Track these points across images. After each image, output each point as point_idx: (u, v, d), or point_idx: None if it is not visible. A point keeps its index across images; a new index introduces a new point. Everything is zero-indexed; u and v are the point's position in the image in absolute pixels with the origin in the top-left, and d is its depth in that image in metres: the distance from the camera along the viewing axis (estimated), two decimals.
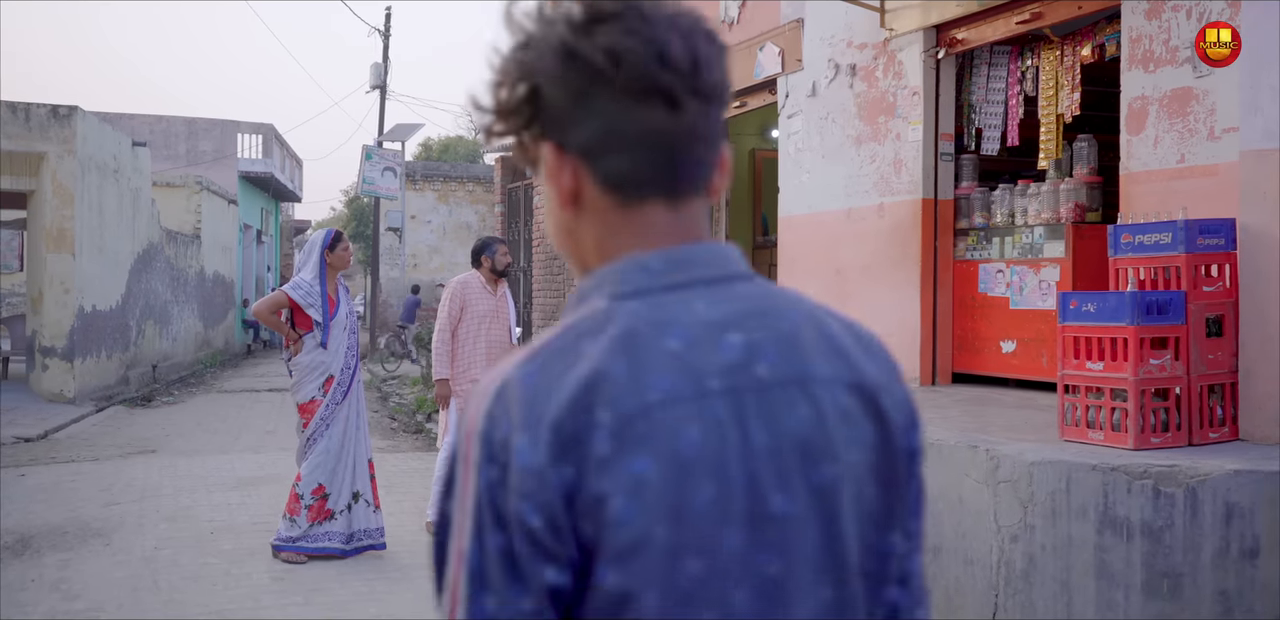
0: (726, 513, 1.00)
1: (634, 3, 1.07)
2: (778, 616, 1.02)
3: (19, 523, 7.05)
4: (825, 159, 8.31)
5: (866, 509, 1.10)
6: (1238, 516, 4.08)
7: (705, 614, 0.99)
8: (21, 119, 13.89)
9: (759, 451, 1.03)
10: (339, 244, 6.35)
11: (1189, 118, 5.31)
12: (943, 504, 4.83)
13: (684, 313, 1.06)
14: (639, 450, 0.98)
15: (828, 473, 1.06)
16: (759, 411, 1.04)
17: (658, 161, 1.08)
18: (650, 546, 0.98)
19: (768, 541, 1.02)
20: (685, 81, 1.07)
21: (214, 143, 28.77)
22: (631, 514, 0.97)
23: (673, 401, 1.00)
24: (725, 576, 1.00)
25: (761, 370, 1.06)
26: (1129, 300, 4.55)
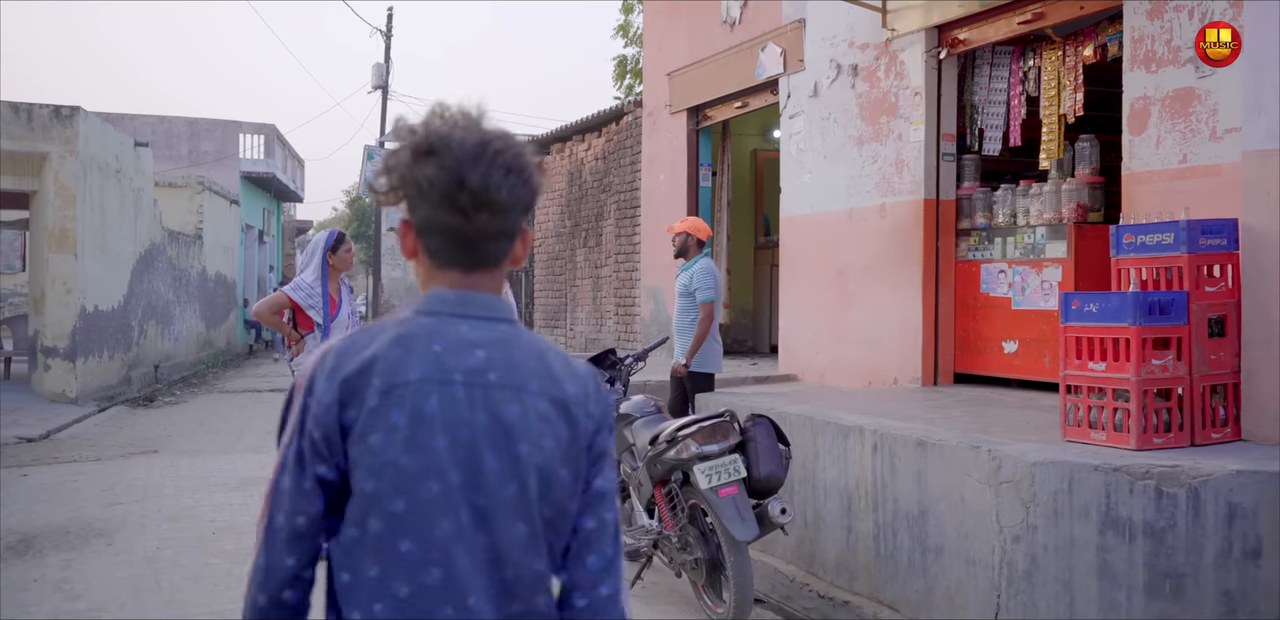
0: (453, 457, 1.57)
1: (454, 141, 1.60)
2: (488, 534, 1.57)
3: (21, 523, 7.05)
4: (827, 159, 8.30)
5: (558, 483, 1.63)
6: (1240, 517, 4.07)
7: (442, 520, 1.55)
8: (24, 119, 13.89)
9: (480, 425, 1.59)
10: (341, 245, 6.35)
11: (1191, 118, 5.30)
12: (945, 504, 4.83)
13: (453, 331, 1.63)
14: (396, 407, 1.56)
15: (525, 450, 1.60)
16: (484, 401, 1.60)
17: (456, 249, 1.65)
18: (396, 469, 1.55)
19: (479, 483, 1.57)
20: (477, 201, 1.59)
21: (216, 143, 28.78)
22: (384, 447, 1.56)
23: (424, 381, 1.58)
24: (450, 499, 1.56)
25: (492, 376, 1.62)
26: (1131, 300, 4.54)
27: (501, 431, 1.60)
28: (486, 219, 1.62)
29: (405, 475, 1.55)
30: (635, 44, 21.64)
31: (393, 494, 1.55)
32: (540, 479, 1.61)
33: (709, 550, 5.09)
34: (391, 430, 1.56)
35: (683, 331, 7.22)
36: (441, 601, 1.55)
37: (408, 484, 1.55)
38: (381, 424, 1.56)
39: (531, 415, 1.62)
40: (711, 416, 5.15)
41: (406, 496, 1.55)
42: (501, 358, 1.63)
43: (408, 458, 1.55)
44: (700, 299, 7.10)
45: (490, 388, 1.61)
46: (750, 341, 11.71)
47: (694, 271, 7.18)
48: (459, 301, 1.66)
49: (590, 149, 13.97)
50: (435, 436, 1.56)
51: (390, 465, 1.55)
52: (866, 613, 5.20)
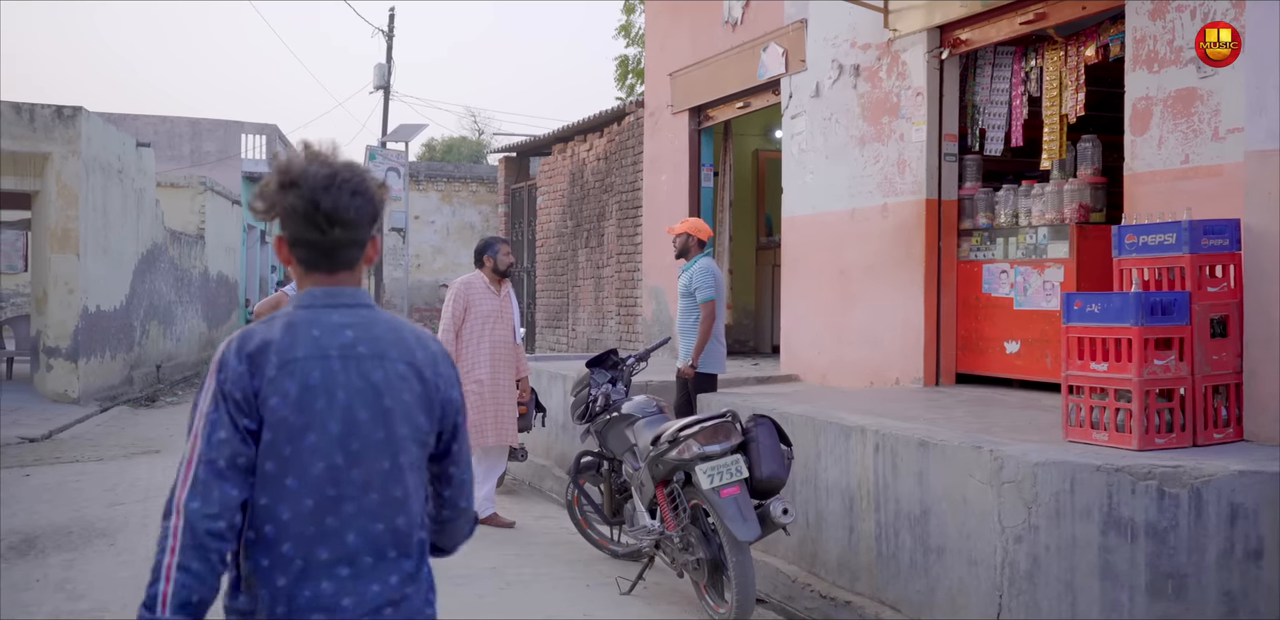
0: (332, 414, 2.06)
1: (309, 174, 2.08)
2: (361, 470, 2.07)
3: (24, 523, 7.06)
4: (829, 159, 8.30)
5: (416, 427, 2.13)
6: (1242, 517, 4.07)
7: (318, 462, 2.05)
8: (26, 119, 13.90)
9: (354, 388, 2.08)
10: None
11: (1193, 118, 5.30)
12: (946, 504, 4.83)
13: (326, 318, 2.12)
14: (288, 378, 2.05)
15: (389, 403, 2.10)
16: (356, 369, 2.10)
17: (320, 257, 2.13)
18: (286, 424, 2.04)
19: (354, 432, 2.06)
20: (330, 220, 2.08)
21: (218, 143, 28.79)
22: (279, 407, 2.04)
23: (308, 357, 2.07)
24: (330, 445, 2.05)
25: (360, 349, 2.11)
26: (1133, 301, 4.54)
27: (371, 391, 2.10)
28: (339, 233, 2.12)
29: (293, 429, 2.05)
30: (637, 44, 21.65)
31: (284, 443, 2.04)
32: (403, 424, 2.13)
33: (711, 550, 5.09)
34: (284, 395, 2.05)
35: (686, 332, 7.22)
36: (312, 524, 2.04)
37: (294, 435, 2.05)
38: (277, 391, 2.05)
39: (392, 376, 2.13)
40: (713, 417, 5.16)
41: (292, 445, 2.04)
42: (366, 335, 2.14)
43: (295, 416, 2.05)
44: (701, 298, 7.09)
45: (360, 358, 2.11)
46: (752, 342, 11.71)
47: (693, 271, 7.17)
48: (327, 296, 2.16)
49: (592, 149, 13.97)
50: (317, 399, 2.06)
51: (283, 421, 2.04)
52: (868, 613, 5.20)
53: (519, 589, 5.64)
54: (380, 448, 2.09)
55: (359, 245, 2.16)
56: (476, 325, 6.94)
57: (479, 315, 6.95)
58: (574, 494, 6.44)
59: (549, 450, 9.19)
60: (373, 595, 2.07)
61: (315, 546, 2.04)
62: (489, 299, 7.01)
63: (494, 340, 6.96)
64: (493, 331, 6.97)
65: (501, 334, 7.00)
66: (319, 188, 2.08)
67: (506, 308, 7.08)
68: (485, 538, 6.77)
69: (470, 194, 31.29)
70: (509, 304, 7.11)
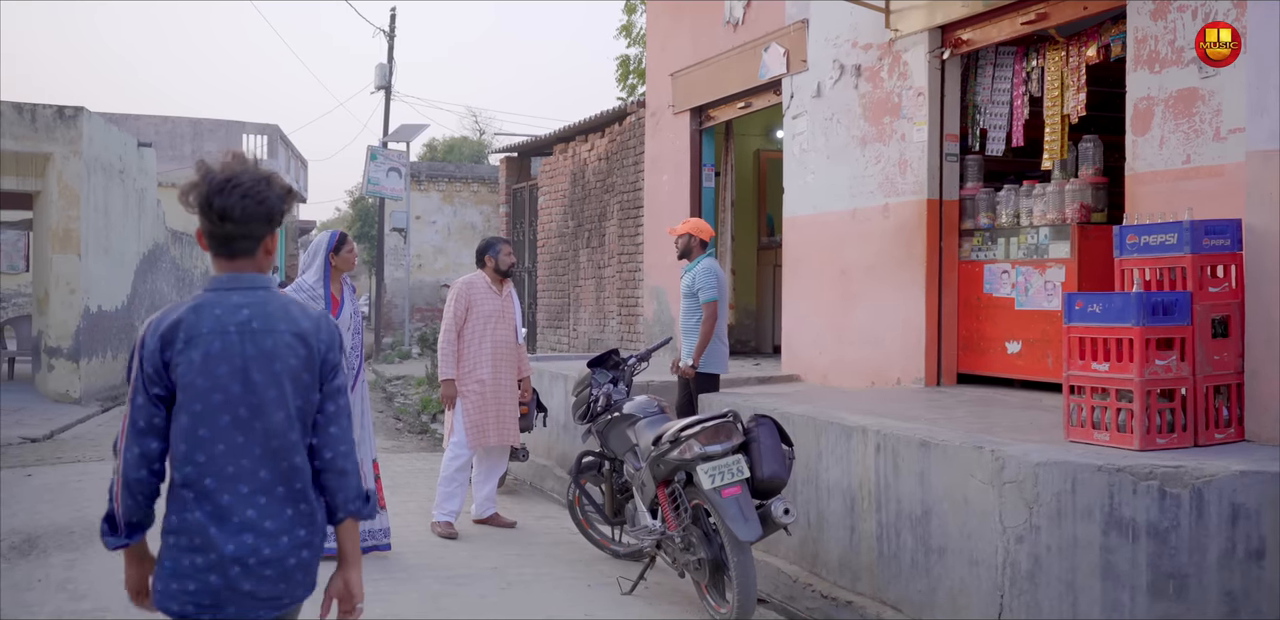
0: (231, 377, 2.54)
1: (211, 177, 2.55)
2: (260, 420, 2.55)
3: (25, 523, 7.06)
4: (830, 159, 8.30)
5: (303, 384, 2.61)
6: (1244, 517, 4.08)
7: (224, 415, 2.55)
8: (28, 120, 13.91)
9: (250, 355, 2.56)
10: (344, 246, 6.33)
11: (1195, 118, 5.30)
12: (948, 504, 4.83)
13: (227, 300, 2.60)
14: (195, 349, 2.53)
15: (279, 366, 2.58)
16: (252, 340, 2.57)
17: (220, 245, 2.60)
18: (194, 386, 2.53)
19: (251, 391, 2.55)
20: (221, 216, 2.55)
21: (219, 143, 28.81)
22: (188, 373, 2.53)
23: (211, 332, 2.55)
24: (234, 402, 2.54)
25: (255, 324, 2.59)
26: (1134, 301, 4.54)
27: (264, 357, 2.59)
28: (230, 227, 2.58)
29: (200, 390, 2.56)
30: (638, 44, 21.65)
31: (193, 401, 2.56)
32: (292, 382, 2.61)
33: (712, 550, 5.09)
34: (191, 363, 2.55)
35: (688, 332, 7.22)
36: (226, 464, 2.57)
37: (201, 395, 2.56)
38: (186, 360, 2.55)
39: (280, 345, 2.60)
40: (714, 417, 5.16)
41: (201, 402, 2.56)
42: (260, 312, 2.62)
43: (201, 379, 2.56)
44: (703, 299, 7.08)
45: (255, 332, 2.59)
46: (753, 342, 11.71)
47: (696, 272, 7.17)
48: (229, 280, 2.64)
49: (593, 149, 13.97)
50: (219, 366, 2.56)
51: (191, 384, 2.56)
52: (869, 613, 5.20)
53: (520, 589, 5.64)
54: (275, 402, 2.59)
55: (251, 239, 2.62)
56: (478, 325, 6.94)
57: (481, 315, 6.95)
58: (575, 494, 6.44)
59: (550, 450, 9.20)
60: (277, 521, 2.59)
61: (233, 482, 2.57)
62: (491, 299, 7.00)
63: (496, 340, 6.96)
64: (494, 331, 6.97)
65: (503, 334, 7.00)
66: (214, 190, 2.56)
67: (508, 308, 7.07)
68: (487, 537, 6.78)
69: (471, 194, 31.30)
70: (510, 304, 7.11)
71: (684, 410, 7.00)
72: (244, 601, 2.57)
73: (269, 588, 2.59)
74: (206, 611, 2.56)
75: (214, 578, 2.54)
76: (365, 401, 6.35)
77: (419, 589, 5.60)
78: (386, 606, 5.29)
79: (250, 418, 2.57)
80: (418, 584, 5.69)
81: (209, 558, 2.54)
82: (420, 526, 6.94)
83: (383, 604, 5.34)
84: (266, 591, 2.59)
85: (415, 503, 7.61)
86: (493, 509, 7.11)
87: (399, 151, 24.39)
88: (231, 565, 2.54)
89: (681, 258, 7.37)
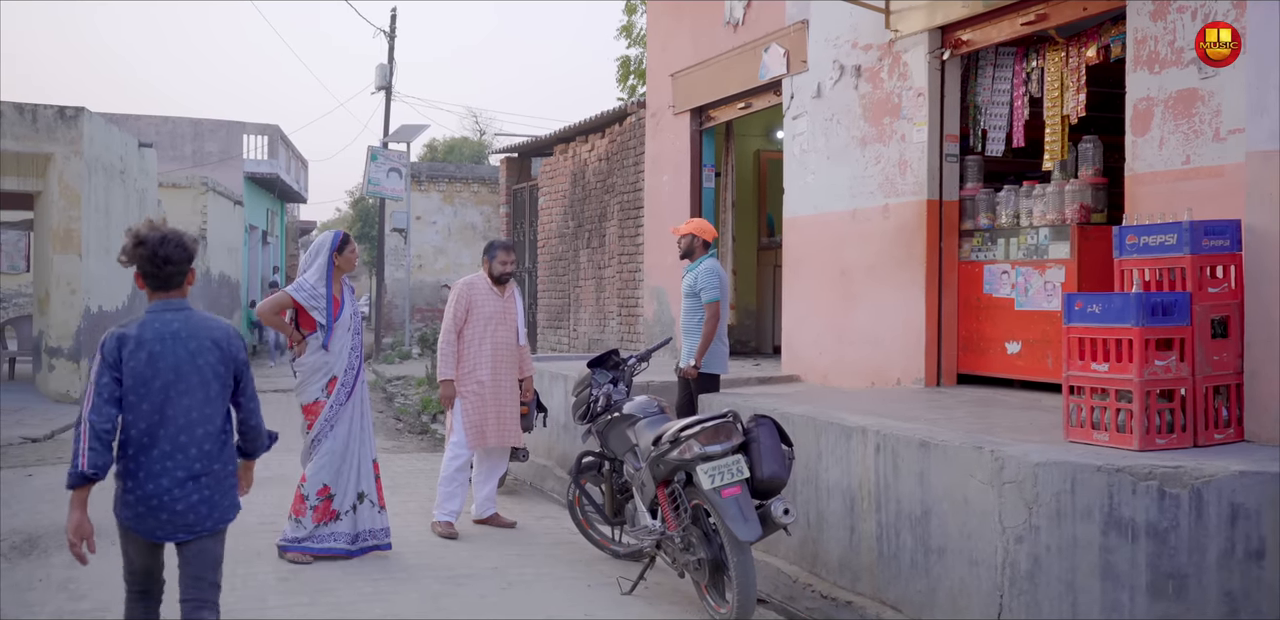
0: (168, 369, 3.74)
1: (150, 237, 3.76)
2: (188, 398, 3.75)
3: (26, 523, 7.07)
4: (830, 160, 8.31)
5: (218, 373, 3.82)
6: (1243, 517, 4.08)
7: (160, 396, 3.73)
8: (29, 120, 13.92)
9: (179, 355, 3.76)
10: (347, 246, 6.34)
11: (1194, 119, 5.31)
12: (947, 505, 4.83)
13: (163, 318, 3.81)
14: (141, 351, 3.72)
15: (201, 362, 3.78)
16: (180, 345, 3.77)
17: (159, 283, 3.81)
18: (140, 376, 3.71)
19: (182, 379, 3.75)
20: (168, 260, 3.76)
21: (220, 144, 28.82)
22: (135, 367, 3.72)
23: (151, 339, 3.74)
24: (168, 386, 3.73)
25: (184, 334, 3.79)
26: (1134, 301, 4.55)
27: (189, 356, 3.75)
28: (169, 269, 3.76)
29: (145, 378, 3.69)
30: (639, 45, 21.66)
31: (140, 386, 3.68)
32: (211, 373, 3.79)
33: (712, 551, 5.09)
34: (139, 361, 3.69)
35: (689, 332, 7.22)
36: (161, 430, 3.70)
37: (146, 382, 3.69)
38: (133, 358, 3.68)
39: (201, 348, 3.77)
40: (714, 417, 5.16)
41: (146, 387, 3.69)
42: (185, 326, 3.77)
43: (146, 370, 3.69)
44: (706, 299, 7.08)
45: (184, 339, 3.75)
46: (753, 342, 11.71)
47: (699, 272, 7.17)
48: (163, 305, 3.80)
49: (594, 150, 13.98)
50: (159, 361, 3.70)
51: (139, 374, 3.68)
52: (869, 613, 5.20)
53: (520, 589, 5.64)
54: (199, 387, 3.77)
55: (181, 274, 3.82)
56: (478, 326, 6.94)
57: (480, 316, 6.94)
58: (575, 494, 6.45)
59: (550, 450, 9.20)
60: (199, 472, 3.76)
61: (167, 442, 3.73)
62: (491, 300, 7.00)
63: (496, 341, 6.96)
64: (494, 333, 6.96)
65: (504, 335, 7.00)
66: (157, 244, 3.75)
67: (510, 309, 7.06)
68: (487, 538, 6.79)
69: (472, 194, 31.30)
70: (512, 305, 7.09)
71: (684, 410, 7.00)
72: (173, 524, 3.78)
73: (192, 515, 3.78)
74: (145, 529, 3.82)
75: (151, 505, 3.76)
76: (365, 402, 6.35)
77: (419, 589, 5.60)
78: (387, 606, 5.30)
79: (180, 396, 3.75)
80: (418, 584, 5.70)
81: (144, 492, 3.75)
82: (420, 526, 6.94)
83: (383, 604, 5.34)
84: (190, 517, 3.78)
85: (415, 503, 7.61)
86: (493, 509, 7.11)
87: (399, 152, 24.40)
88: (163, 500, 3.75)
89: (683, 258, 7.36)
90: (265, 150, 29.81)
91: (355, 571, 5.90)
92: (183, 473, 3.71)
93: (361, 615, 5.18)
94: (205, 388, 3.76)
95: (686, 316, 7.28)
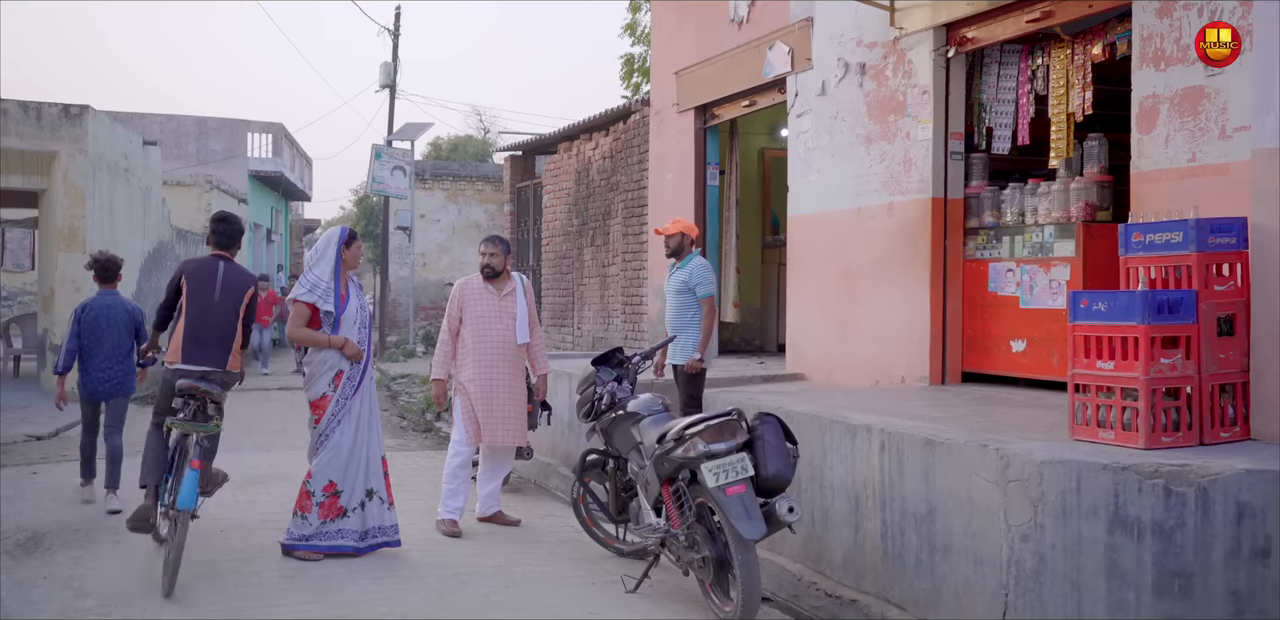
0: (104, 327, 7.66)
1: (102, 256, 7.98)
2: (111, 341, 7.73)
3: (31, 520, 7.08)
4: (834, 158, 8.30)
5: (129, 328, 7.74)
6: (1249, 516, 4.07)
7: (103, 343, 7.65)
8: (33, 118, 13.93)
9: (109, 317, 7.69)
10: (354, 242, 6.38)
11: (1200, 116, 5.29)
12: (952, 503, 4.82)
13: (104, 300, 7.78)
14: (89, 314, 7.69)
15: (121, 321, 7.72)
16: (110, 312, 7.72)
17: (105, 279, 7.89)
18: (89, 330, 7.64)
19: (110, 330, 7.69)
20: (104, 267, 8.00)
21: (224, 142, 28.81)
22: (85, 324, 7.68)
23: (94, 309, 7.71)
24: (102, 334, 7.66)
25: (113, 306, 7.75)
26: (1140, 299, 4.53)
27: (116, 319, 7.62)
28: (112, 271, 7.79)
29: (90, 329, 7.57)
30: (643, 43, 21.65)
31: (88, 334, 7.58)
32: (124, 327, 7.63)
33: (716, 549, 5.09)
34: (87, 320, 7.57)
35: (683, 328, 7.26)
36: (99, 360, 7.57)
37: (91, 331, 7.57)
38: (85, 318, 7.59)
39: (120, 314, 7.65)
40: (719, 415, 5.15)
41: (93, 337, 7.57)
42: (114, 303, 7.70)
43: (90, 327, 7.57)
44: (702, 294, 7.19)
45: (112, 309, 7.65)
46: (758, 340, 11.70)
47: (692, 268, 7.25)
48: (104, 293, 7.73)
49: (598, 148, 13.97)
50: (99, 320, 7.58)
51: (88, 330, 7.57)
52: (874, 612, 5.20)
53: (524, 587, 5.64)
54: (119, 336, 7.58)
55: (114, 277, 7.72)
56: (471, 325, 6.92)
57: (474, 315, 6.92)
58: (579, 492, 6.44)
59: (554, 448, 9.20)
60: (115, 370, 7.58)
61: (100, 356, 7.55)
62: (484, 298, 6.95)
63: (489, 339, 6.89)
64: (488, 331, 6.90)
65: (499, 333, 6.91)
66: (105, 260, 7.76)
67: (507, 307, 6.98)
68: (491, 536, 6.79)
69: (476, 193, 31.29)
70: (512, 302, 7.01)
71: (684, 409, 7.00)
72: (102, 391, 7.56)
73: (110, 388, 7.57)
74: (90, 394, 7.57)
75: (92, 382, 7.53)
76: (371, 399, 6.35)
77: (423, 587, 5.60)
78: (391, 604, 5.30)
79: (107, 337, 7.51)
80: (422, 582, 5.69)
81: (89, 378, 7.50)
82: (425, 524, 6.94)
83: (388, 602, 5.34)
84: (110, 388, 7.57)
85: (420, 501, 7.61)
86: (497, 507, 7.11)
87: (403, 150, 24.39)
88: (98, 382, 7.51)
89: (672, 256, 7.43)
90: (269, 148, 29.81)
91: (360, 569, 5.90)
92: (106, 371, 7.59)
93: (366, 613, 5.18)
94: (119, 333, 7.62)
95: (679, 312, 7.32)
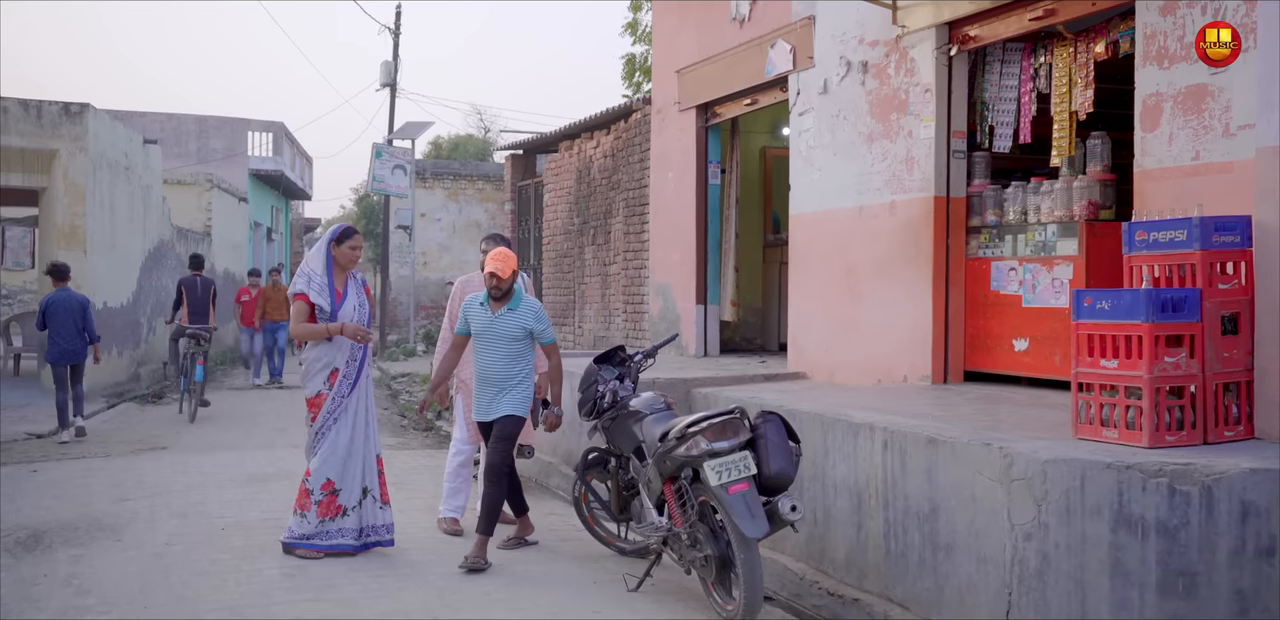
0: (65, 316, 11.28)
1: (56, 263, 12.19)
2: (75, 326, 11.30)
3: (31, 518, 7.07)
4: (837, 156, 8.28)
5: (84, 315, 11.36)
6: (1254, 515, 4.06)
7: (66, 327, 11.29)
8: (34, 116, 13.93)
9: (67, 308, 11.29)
10: (347, 239, 6.32)
11: (1204, 114, 5.28)
12: (956, 501, 4.81)
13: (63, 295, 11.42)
14: (51, 307, 11.30)
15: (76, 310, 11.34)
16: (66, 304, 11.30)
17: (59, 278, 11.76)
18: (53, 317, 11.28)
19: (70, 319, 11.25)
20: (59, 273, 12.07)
21: (224, 141, 28.81)
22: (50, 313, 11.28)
23: (55, 302, 11.30)
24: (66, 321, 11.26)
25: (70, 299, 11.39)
26: (1144, 298, 4.52)
27: (72, 310, 11.20)
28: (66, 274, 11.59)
29: (55, 317, 11.16)
30: (644, 42, 21.63)
31: (52, 321, 11.17)
32: (79, 315, 11.23)
33: (719, 547, 5.08)
34: (51, 312, 11.15)
35: (519, 382, 6.11)
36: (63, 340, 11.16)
37: (57, 318, 11.16)
38: (49, 309, 11.17)
39: (75, 305, 11.23)
40: (722, 413, 5.14)
41: (58, 322, 11.16)
42: (70, 297, 11.30)
43: (53, 315, 11.16)
44: (548, 340, 6.16)
45: (69, 301, 11.21)
46: (759, 339, 11.69)
47: (536, 310, 6.16)
48: (61, 290, 11.34)
49: (599, 146, 13.96)
50: (60, 310, 11.15)
51: (52, 317, 11.16)
52: (877, 611, 5.19)
53: (526, 586, 5.63)
54: (75, 323, 11.16)
55: (66, 278, 11.47)
56: None
57: None
58: (581, 491, 6.43)
59: (556, 447, 9.19)
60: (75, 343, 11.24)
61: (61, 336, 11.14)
62: None
63: None
64: None
65: None
66: (60, 265, 11.63)
67: None
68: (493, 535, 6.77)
69: (477, 192, 31.28)
70: None
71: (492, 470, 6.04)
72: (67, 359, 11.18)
73: (74, 356, 11.17)
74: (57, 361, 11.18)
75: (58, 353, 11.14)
76: (369, 398, 6.34)
77: (425, 585, 5.59)
78: (392, 603, 5.29)
79: (70, 323, 11.12)
80: (424, 580, 5.69)
81: (56, 349, 11.15)
82: (426, 523, 6.93)
83: (388, 600, 5.33)
84: (73, 357, 11.17)
85: (421, 499, 7.60)
86: None
87: (404, 149, 24.38)
88: (62, 351, 11.12)
89: (503, 297, 6.08)
90: (270, 147, 29.80)
91: (360, 568, 5.89)
92: (68, 343, 10.97)
93: (367, 612, 5.17)
94: (73, 317, 10.90)
95: (507, 363, 6.06)
